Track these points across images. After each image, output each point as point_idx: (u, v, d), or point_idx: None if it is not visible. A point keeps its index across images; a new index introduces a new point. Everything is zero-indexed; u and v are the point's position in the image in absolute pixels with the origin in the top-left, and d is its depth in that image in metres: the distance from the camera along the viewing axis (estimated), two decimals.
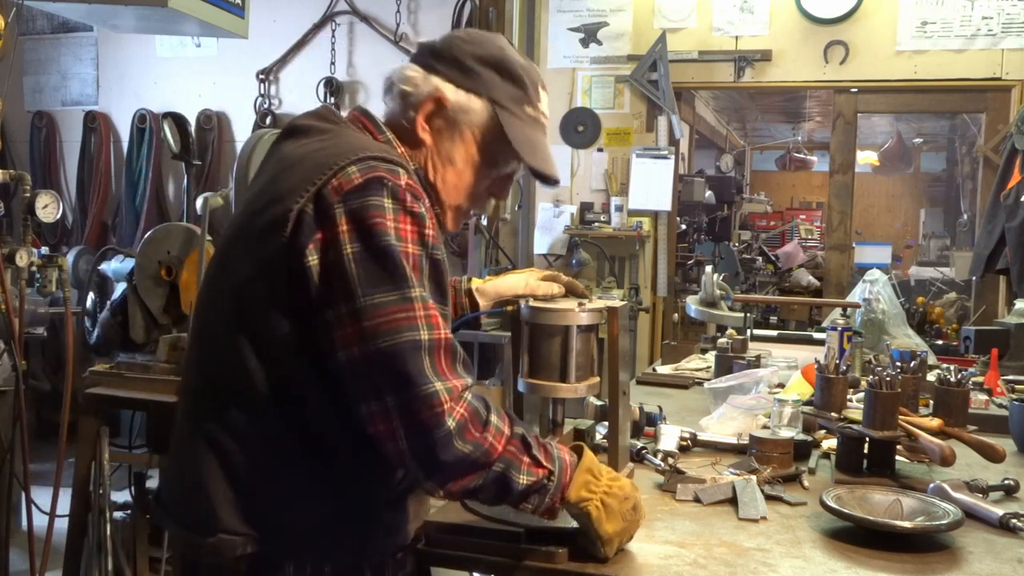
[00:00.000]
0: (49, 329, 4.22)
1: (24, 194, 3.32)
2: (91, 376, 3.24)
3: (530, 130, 1.46)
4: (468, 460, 1.25)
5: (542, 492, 1.33)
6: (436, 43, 1.47)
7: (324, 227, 1.26)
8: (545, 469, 1.32)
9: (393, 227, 1.26)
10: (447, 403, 1.22)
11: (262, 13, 5.26)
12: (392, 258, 1.25)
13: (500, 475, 1.28)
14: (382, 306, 1.23)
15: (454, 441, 1.22)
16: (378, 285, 1.24)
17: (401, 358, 1.22)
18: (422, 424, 1.22)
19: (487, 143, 1.45)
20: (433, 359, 1.24)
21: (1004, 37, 4.92)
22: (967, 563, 1.49)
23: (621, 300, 2.06)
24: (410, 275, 1.25)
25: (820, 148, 11.02)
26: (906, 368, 2.15)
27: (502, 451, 1.27)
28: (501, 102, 1.44)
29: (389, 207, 1.27)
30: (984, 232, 4.66)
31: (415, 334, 1.23)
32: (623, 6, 5.40)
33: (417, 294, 1.25)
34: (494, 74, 1.44)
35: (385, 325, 1.23)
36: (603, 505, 1.36)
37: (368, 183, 1.27)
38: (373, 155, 1.31)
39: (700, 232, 7.24)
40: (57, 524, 3.30)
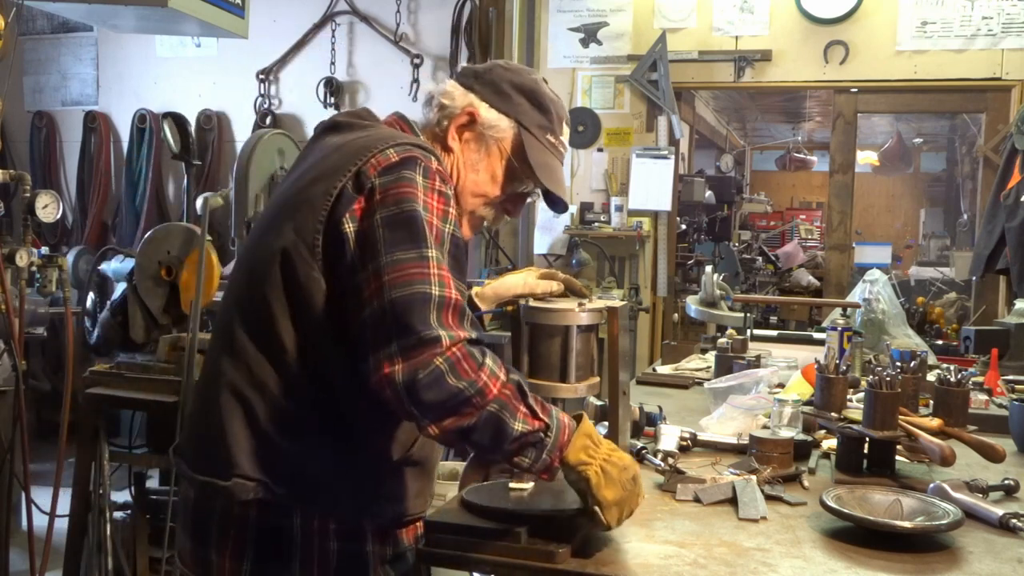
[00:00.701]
0: (49, 329, 4.22)
1: (24, 194, 3.32)
2: (91, 376, 3.25)
3: (549, 156, 1.61)
4: (461, 396, 1.29)
5: (538, 446, 1.35)
6: (478, 67, 1.64)
7: (362, 198, 1.39)
8: (541, 422, 1.34)
9: (422, 199, 1.38)
10: (444, 344, 1.28)
11: (262, 13, 5.26)
12: (416, 222, 1.35)
13: (494, 416, 1.31)
14: (401, 262, 1.33)
15: (446, 376, 1.28)
16: (400, 244, 1.34)
17: (409, 307, 1.30)
18: (418, 363, 1.28)
19: (509, 161, 1.59)
20: (440, 312, 1.31)
21: (1004, 37, 4.92)
22: (967, 563, 1.49)
23: (621, 300, 2.06)
24: (429, 238, 1.35)
25: (820, 148, 11.02)
26: (906, 368, 2.15)
27: (497, 393, 1.31)
28: (527, 126, 1.59)
29: (420, 182, 1.39)
30: (984, 232, 4.66)
31: (426, 287, 1.31)
32: (623, 6, 5.40)
33: (434, 254, 1.34)
34: (525, 101, 1.59)
35: (401, 278, 1.32)
36: (602, 471, 1.38)
37: (404, 160, 1.40)
38: (410, 141, 1.46)
39: (700, 232, 7.24)
40: (57, 524, 3.31)
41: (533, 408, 1.34)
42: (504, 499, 1.53)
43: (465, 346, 1.31)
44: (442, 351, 1.28)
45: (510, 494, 1.56)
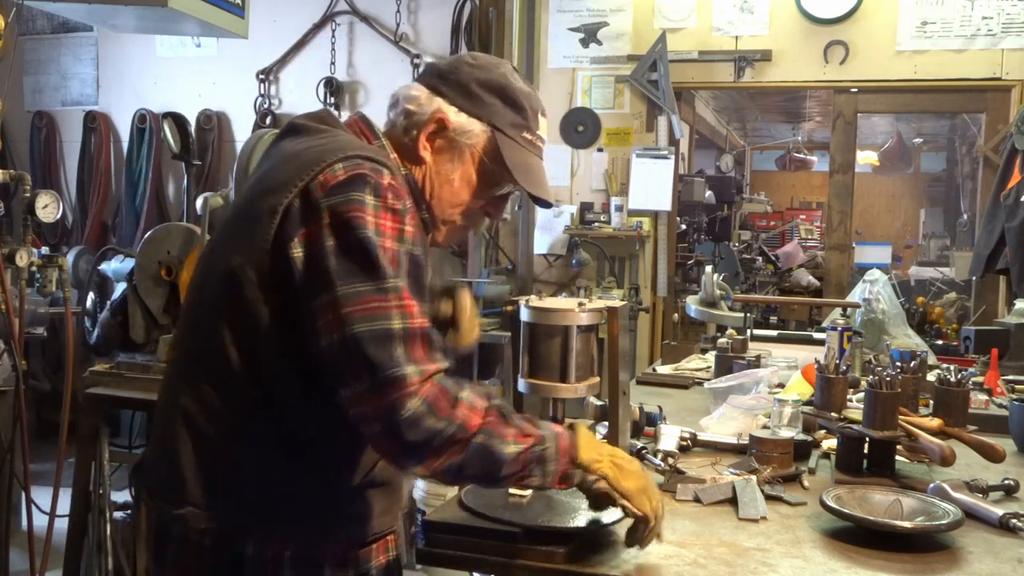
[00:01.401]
0: (49, 329, 4.22)
1: (24, 194, 3.32)
2: (91, 376, 3.25)
3: (527, 155, 1.52)
4: (443, 435, 1.26)
5: (541, 461, 1.32)
6: (443, 65, 1.54)
7: (309, 221, 1.32)
8: (532, 436, 1.32)
9: (373, 222, 1.31)
10: (415, 384, 1.25)
11: (262, 13, 5.26)
12: (368, 251, 1.29)
13: (482, 447, 1.28)
14: (359, 295, 1.28)
15: (424, 419, 1.24)
16: (355, 275, 1.28)
17: (373, 344, 1.26)
18: (391, 405, 1.24)
19: (485, 165, 1.50)
20: (407, 346, 1.27)
21: (1004, 37, 4.92)
22: (967, 563, 1.49)
23: (621, 300, 2.06)
24: (385, 267, 1.29)
25: (820, 148, 11.02)
26: (906, 368, 2.15)
27: (480, 423, 1.28)
28: (501, 127, 1.50)
29: (370, 203, 1.32)
30: (984, 232, 4.66)
31: (388, 322, 1.27)
32: (623, 6, 5.40)
33: (391, 284, 1.29)
34: (496, 100, 1.50)
35: (359, 312, 1.27)
36: (616, 465, 1.38)
37: (352, 179, 1.33)
38: (359, 154, 1.37)
39: (700, 232, 7.23)
40: (57, 524, 3.31)
41: (521, 427, 1.32)
42: (502, 505, 1.53)
43: (439, 381, 1.28)
44: (415, 390, 1.24)
45: (509, 500, 1.57)
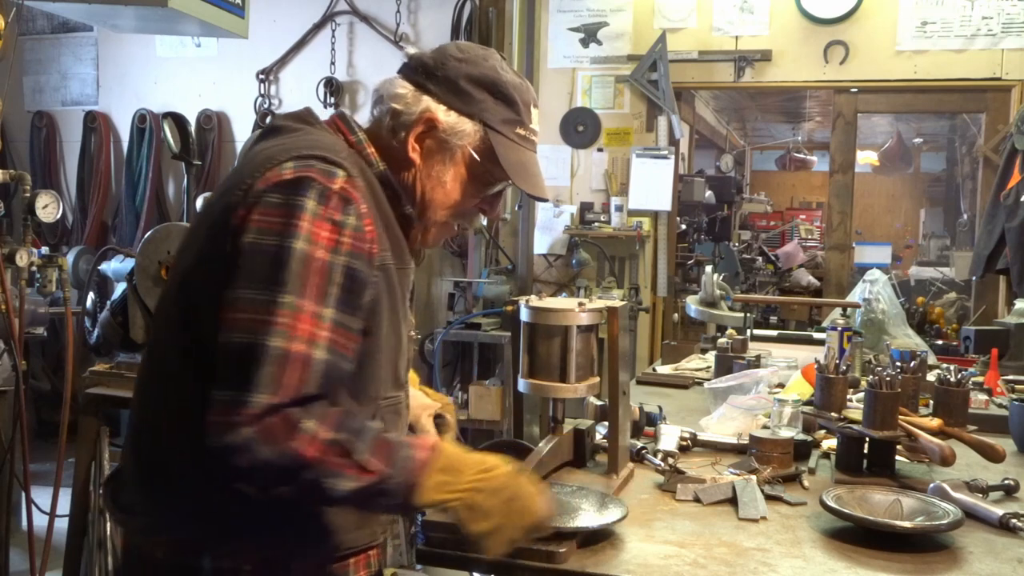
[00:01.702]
0: (49, 329, 4.21)
1: (24, 194, 3.32)
2: (91, 376, 3.25)
3: (521, 152, 1.46)
4: (272, 468, 1.20)
5: (383, 495, 1.25)
6: (428, 59, 1.45)
7: (246, 215, 1.27)
8: (375, 473, 1.22)
9: (306, 229, 1.24)
10: (253, 412, 1.18)
11: (262, 13, 5.25)
12: (280, 260, 1.23)
13: (312, 483, 1.21)
14: (251, 302, 1.22)
15: (254, 449, 1.18)
16: (257, 281, 1.23)
17: (240, 357, 1.21)
18: (227, 423, 1.19)
19: (477, 165, 1.44)
20: (276, 368, 1.20)
21: (1004, 37, 4.92)
22: (967, 563, 1.49)
23: (621, 300, 2.06)
24: (293, 280, 1.22)
25: (820, 148, 11.01)
26: (906, 368, 2.15)
27: (311, 458, 1.20)
28: (493, 125, 1.43)
29: (309, 208, 1.25)
30: (984, 232, 4.66)
31: (266, 339, 1.20)
32: (623, 6, 5.40)
33: (289, 300, 1.22)
34: (487, 95, 1.43)
35: (244, 321, 1.22)
36: (469, 505, 1.28)
37: (297, 180, 1.27)
38: (315, 154, 1.31)
39: (700, 232, 7.23)
40: (57, 524, 3.31)
41: (362, 463, 1.22)
42: None
43: (283, 415, 1.19)
44: (253, 418, 1.18)
45: None
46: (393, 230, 1.40)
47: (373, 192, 1.38)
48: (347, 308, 1.27)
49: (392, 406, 1.43)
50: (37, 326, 3.61)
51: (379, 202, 1.38)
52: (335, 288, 1.26)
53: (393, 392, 1.43)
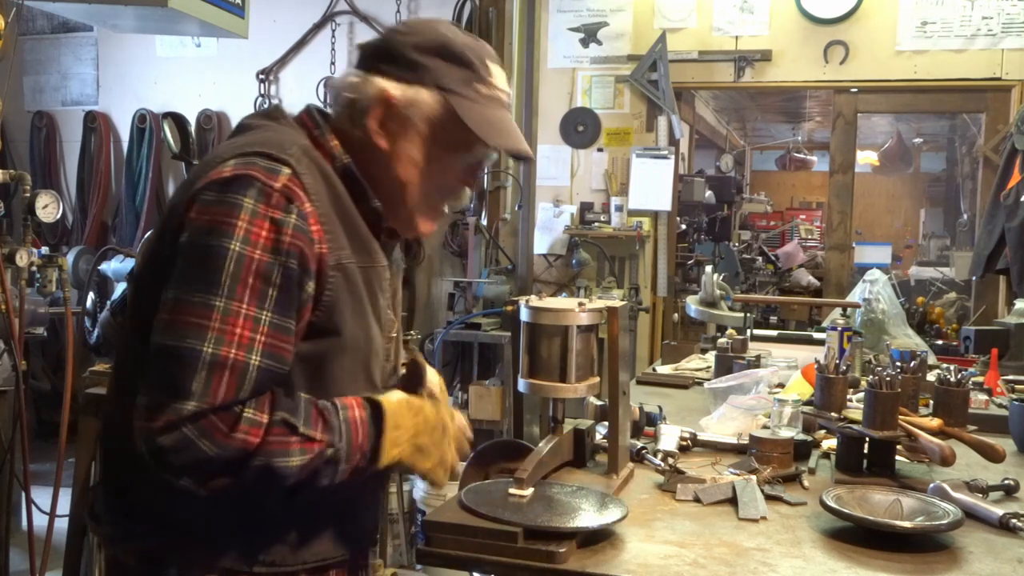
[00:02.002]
0: (49, 329, 4.22)
1: (24, 194, 3.32)
2: (91, 376, 3.24)
3: (486, 109, 1.39)
4: (219, 460, 1.19)
5: (332, 462, 1.25)
6: (374, 42, 1.42)
7: (185, 214, 1.25)
8: (320, 442, 1.23)
9: (243, 228, 1.21)
10: (189, 415, 1.17)
11: (262, 13, 5.25)
12: (216, 259, 1.20)
13: (263, 467, 1.21)
14: (187, 304, 1.20)
15: (197, 441, 1.17)
16: (191, 282, 1.21)
17: (173, 361, 1.18)
18: (160, 426, 1.17)
19: (445, 132, 1.37)
20: (210, 376, 1.18)
21: (1004, 37, 4.92)
22: (967, 563, 1.49)
23: (621, 300, 2.06)
24: (227, 281, 1.20)
25: (820, 148, 11.01)
26: (906, 368, 2.15)
27: (259, 443, 1.20)
28: (450, 87, 1.36)
29: (247, 206, 1.22)
30: (984, 232, 4.66)
31: (196, 343, 1.18)
32: (623, 6, 5.40)
33: (220, 304, 1.19)
34: (438, 60, 1.37)
35: (176, 323, 1.20)
36: (415, 448, 1.35)
37: (235, 178, 1.24)
38: (259, 151, 1.28)
39: (700, 232, 7.23)
40: (57, 524, 3.31)
41: (308, 434, 1.23)
42: (502, 505, 1.53)
43: (221, 410, 1.18)
44: (186, 418, 1.16)
45: (509, 500, 1.57)
46: (356, 228, 1.36)
47: (331, 189, 1.34)
48: (286, 311, 1.24)
49: None
50: (37, 326, 3.61)
51: (338, 199, 1.34)
52: (273, 290, 1.23)
53: (365, 394, 1.38)
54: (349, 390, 1.35)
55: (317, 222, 1.27)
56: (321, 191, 1.31)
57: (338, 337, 1.32)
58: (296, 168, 1.28)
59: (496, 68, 1.42)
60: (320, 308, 1.29)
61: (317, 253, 1.27)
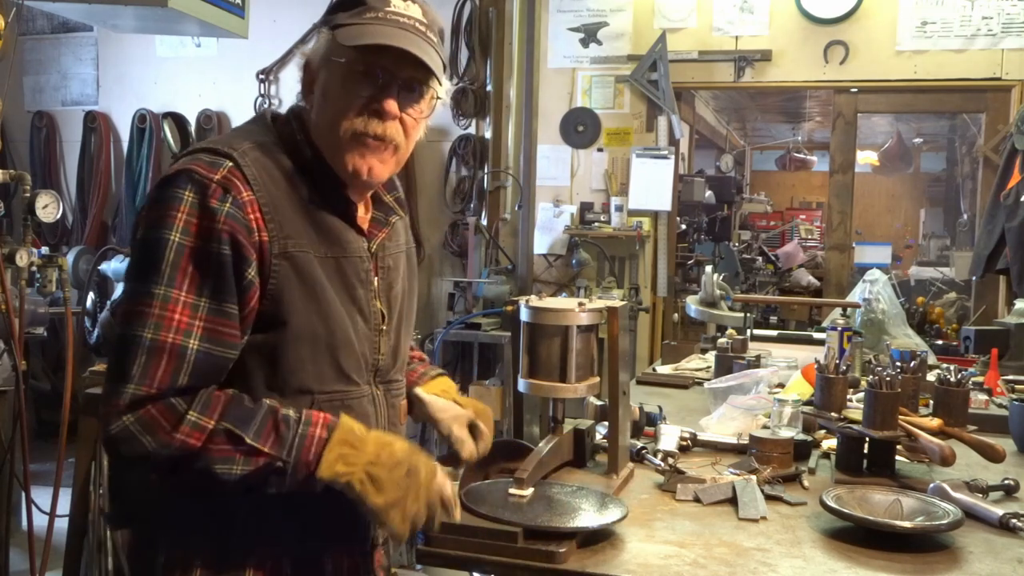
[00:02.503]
0: (49, 329, 4.22)
1: (24, 194, 3.32)
2: (91, 376, 3.24)
3: (366, 25, 1.38)
4: (158, 460, 1.24)
5: (278, 475, 1.27)
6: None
7: (141, 212, 1.34)
8: (265, 456, 1.26)
9: (181, 219, 1.28)
10: (129, 401, 1.23)
11: (262, 13, 5.25)
12: (156, 250, 1.27)
13: (203, 470, 1.25)
14: (134, 294, 1.28)
15: (139, 436, 1.23)
16: (138, 274, 1.29)
17: (120, 347, 1.26)
18: (108, 413, 1.24)
19: (336, 63, 1.38)
20: (148, 360, 1.24)
21: (1004, 37, 4.92)
22: (967, 563, 1.49)
23: (621, 300, 2.06)
24: (166, 270, 1.26)
25: (820, 148, 11.01)
26: (906, 368, 2.15)
27: (201, 447, 1.24)
28: (338, 23, 1.39)
29: (186, 199, 1.28)
30: (984, 232, 4.66)
31: (139, 330, 1.25)
32: (623, 6, 5.40)
33: (161, 292, 1.26)
34: (338, 10, 1.42)
35: (125, 314, 1.28)
36: (368, 477, 1.29)
37: (177, 174, 1.31)
38: (207, 147, 1.35)
39: (700, 232, 7.23)
40: (57, 524, 3.30)
41: (255, 446, 1.25)
42: (502, 505, 1.53)
43: (164, 402, 1.24)
44: (124, 406, 1.23)
45: (509, 500, 1.57)
46: (319, 218, 1.38)
47: (288, 181, 1.37)
48: (224, 296, 1.29)
49: (337, 401, 1.39)
50: (37, 326, 3.61)
51: (297, 190, 1.37)
52: (209, 277, 1.28)
53: (337, 387, 1.39)
54: (312, 380, 1.36)
55: (257, 211, 1.31)
56: (269, 182, 1.34)
57: (287, 326, 1.33)
58: (239, 160, 1.33)
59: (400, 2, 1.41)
60: (267, 297, 1.32)
61: (256, 241, 1.31)
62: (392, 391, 1.51)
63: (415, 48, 1.37)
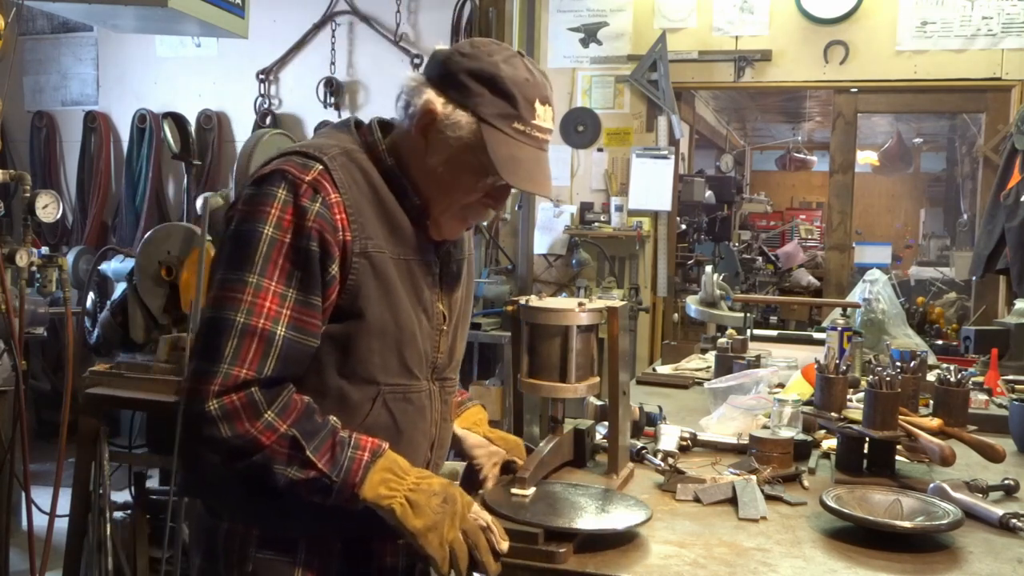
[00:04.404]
0: (49, 329, 4.22)
1: (24, 194, 3.32)
2: (91, 376, 3.25)
3: (514, 146, 1.45)
4: (227, 444, 1.32)
5: (325, 491, 1.36)
6: (440, 54, 1.50)
7: (234, 207, 1.43)
8: (317, 471, 1.34)
9: (275, 215, 1.37)
10: (218, 386, 1.31)
11: (262, 13, 5.25)
12: (251, 242, 1.36)
13: (261, 466, 1.34)
14: (224, 281, 1.36)
15: (218, 424, 1.31)
16: (230, 262, 1.37)
17: (212, 330, 1.34)
18: (191, 395, 1.33)
19: (470, 156, 1.45)
20: (240, 341, 1.33)
21: (1004, 37, 4.92)
22: (967, 563, 1.49)
23: (621, 300, 2.06)
24: (260, 260, 1.35)
25: (820, 148, 11.01)
26: (906, 368, 2.15)
27: (268, 445, 1.33)
28: (486, 118, 1.44)
29: (280, 196, 1.37)
30: (984, 232, 4.66)
31: (232, 314, 1.33)
32: (623, 6, 5.40)
33: (254, 280, 1.35)
34: (484, 89, 1.44)
35: (217, 298, 1.36)
36: (407, 502, 1.36)
37: (272, 173, 1.40)
38: (299, 150, 1.44)
39: (700, 232, 7.23)
40: (57, 524, 3.31)
41: (312, 460, 1.34)
42: (504, 505, 1.53)
43: (249, 395, 1.32)
44: (214, 390, 1.31)
45: (510, 499, 1.57)
46: (395, 222, 1.47)
47: (370, 185, 1.45)
48: (310, 289, 1.37)
49: (399, 393, 1.48)
50: (37, 326, 3.61)
51: (376, 195, 1.46)
52: (298, 270, 1.36)
53: (400, 380, 1.48)
54: (379, 372, 1.45)
55: (343, 211, 1.40)
56: (354, 186, 1.43)
57: (362, 320, 1.42)
58: (328, 164, 1.42)
59: (544, 109, 1.49)
60: (345, 291, 1.41)
61: (341, 240, 1.39)
62: (446, 388, 1.61)
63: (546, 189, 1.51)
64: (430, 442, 1.56)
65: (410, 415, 1.50)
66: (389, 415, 1.47)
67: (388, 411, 1.47)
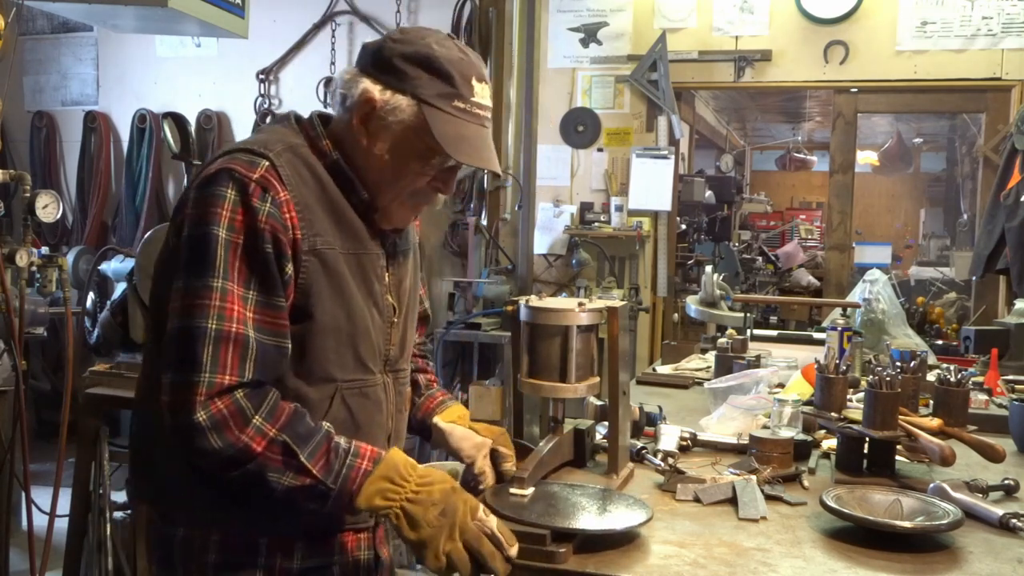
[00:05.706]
0: (49, 329, 4.22)
1: (24, 194, 3.32)
2: (91, 376, 3.25)
3: (458, 124, 1.45)
4: (220, 455, 1.31)
5: (320, 498, 1.35)
6: (372, 45, 1.50)
7: (180, 212, 1.41)
8: (313, 478, 1.33)
9: (226, 216, 1.35)
10: (203, 395, 1.30)
11: (262, 13, 5.25)
12: (209, 246, 1.34)
13: (256, 474, 1.33)
14: (187, 288, 1.34)
15: (207, 435, 1.30)
16: (192, 269, 1.34)
17: (185, 339, 1.32)
18: (175, 407, 1.31)
19: (414, 139, 1.45)
20: (215, 349, 1.31)
21: (1004, 37, 4.92)
22: (967, 563, 1.49)
23: (621, 300, 2.06)
24: (220, 264, 1.33)
25: (820, 148, 11.01)
26: (906, 368, 2.15)
27: (260, 453, 1.32)
28: (427, 99, 1.43)
29: (229, 197, 1.35)
30: (984, 232, 4.66)
31: (202, 321, 1.31)
32: (623, 6, 5.40)
33: (218, 284, 1.33)
34: (421, 71, 1.44)
35: (185, 306, 1.33)
36: (404, 512, 1.35)
37: (218, 173, 1.37)
38: (244, 147, 1.41)
39: (700, 232, 7.23)
40: (57, 524, 3.31)
41: (306, 466, 1.33)
42: (503, 505, 1.53)
43: (235, 401, 1.31)
44: (197, 400, 1.29)
45: (509, 499, 1.57)
46: (343, 217, 1.46)
47: (317, 182, 1.44)
48: (272, 290, 1.37)
49: (356, 388, 1.48)
50: (37, 326, 3.61)
51: (323, 191, 1.45)
52: (256, 272, 1.36)
53: (356, 375, 1.48)
54: (336, 369, 1.45)
55: (292, 210, 1.39)
56: (301, 183, 1.42)
57: (315, 318, 1.41)
58: (275, 161, 1.40)
59: (480, 86, 1.48)
60: (298, 290, 1.40)
61: (291, 238, 1.38)
62: (400, 379, 1.60)
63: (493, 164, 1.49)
64: (387, 434, 1.57)
65: (367, 409, 1.51)
66: (347, 411, 1.47)
67: (346, 407, 1.47)
